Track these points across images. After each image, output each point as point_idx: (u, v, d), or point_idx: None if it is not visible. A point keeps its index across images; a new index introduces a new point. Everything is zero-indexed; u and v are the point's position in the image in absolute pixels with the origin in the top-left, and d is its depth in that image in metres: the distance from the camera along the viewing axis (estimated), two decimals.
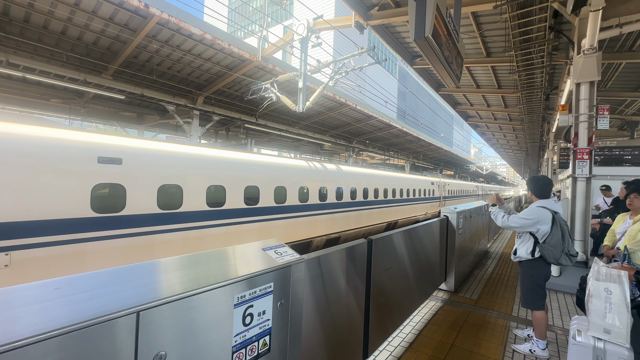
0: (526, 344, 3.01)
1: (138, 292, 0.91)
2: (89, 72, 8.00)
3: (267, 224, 7.45)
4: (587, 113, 5.20)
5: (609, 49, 7.10)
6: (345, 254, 2.18)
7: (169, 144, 5.86)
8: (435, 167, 31.06)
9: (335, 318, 2.07)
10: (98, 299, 0.85)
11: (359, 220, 11.12)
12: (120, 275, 0.97)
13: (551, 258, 2.78)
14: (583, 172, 5.24)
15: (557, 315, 3.89)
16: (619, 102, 10.55)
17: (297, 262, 1.45)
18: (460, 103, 14.13)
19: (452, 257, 4.52)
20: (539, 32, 6.08)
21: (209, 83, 9.78)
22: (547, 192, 2.99)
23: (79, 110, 9.88)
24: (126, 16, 6.51)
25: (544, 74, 8.25)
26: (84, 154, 4.64)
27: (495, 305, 4.15)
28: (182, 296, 0.97)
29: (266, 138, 15.95)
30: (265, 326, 1.28)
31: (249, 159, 7.29)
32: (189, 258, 1.20)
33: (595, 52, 4.99)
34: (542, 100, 10.47)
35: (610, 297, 1.80)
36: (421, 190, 16.79)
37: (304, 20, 7.91)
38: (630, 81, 9.03)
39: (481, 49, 8.08)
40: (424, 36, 2.22)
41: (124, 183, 5.02)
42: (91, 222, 4.68)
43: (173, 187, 5.65)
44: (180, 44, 7.66)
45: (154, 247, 5.35)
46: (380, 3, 6.61)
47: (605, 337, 1.80)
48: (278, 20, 46.07)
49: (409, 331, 3.34)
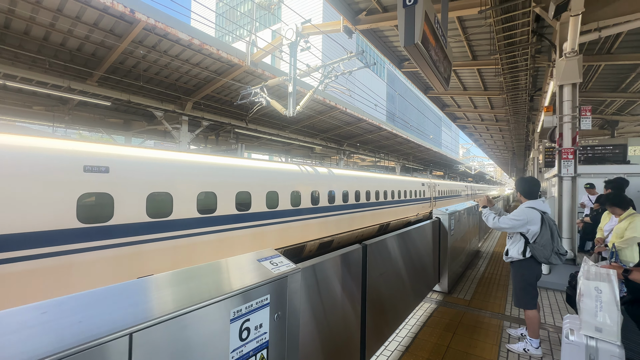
0: (520, 343, 3.05)
1: (130, 312, 0.88)
2: (73, 79, 7.81)
3: (260, 230, 7.38)
4: (570, 114, 5.36)
5: (589, 52, 7.35)
6: (340, 260, 2.17)
7: (157, 150, 5.76)
8: (425, 168, 31.44)
9: (332, 326, 2.05)
10: (88, 321, 0.81)
11: (352, 223, 11.14)
12: (110, 294, 0.94)
13: (542, 257, 2.83)
14: (568, 172, 5.38)
15: (548, 313, 3.96)
16: (599, 103, 10.91)
17: (293, 272, 1.44)
18: (448, 105, 14.37)
19: (445, 258, 4.56)
20: (523, 36, 6.25)
21: (197, 88, 9.68)
22: (535, 193, 3.06)
23: (63, 118, 9.62)
24: (111, 22, 6.40)
25: (528, 76, 8.47)
26: (69, 162, 4.51)
27: (488, 305, 4.20)
28: (176, 314, 0.94)
29: (257, 143, 15.85)
30: (263, 340, 1.25)
31: (239, 164, 7.22)
32: (182, 273, 1.17)
33: (576, 55, 5.16)
34: (527, 102, 10.75)
35: (600, 296, 1.84)
36: (412, 192, 16.95)
37: (293, 24, 7.94)
38: (610, 82, 9.36)
39: (467, 53, 8.25)
40: (414, 42, 2.25)
41: (112, 192, 4.90)
42: (77, 233, 4.54)
43: (162, 195, 5.55)
44: (168, 49, 7.56)
45: (144, 256, 5.22)
46: (368, 8, 6.69)
47: (597, 336, 1.84)
48: (266, 24, 46.09)
49: (405, 334, 3.34)
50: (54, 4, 5.74)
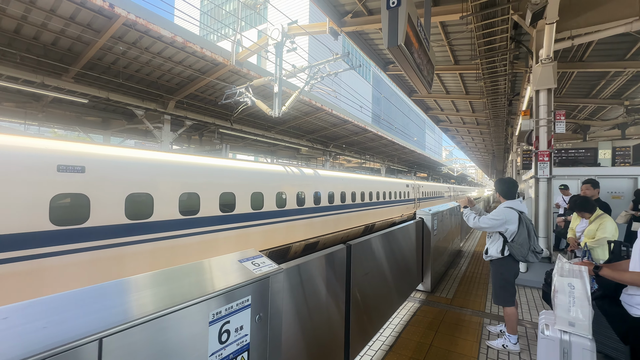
0: (499, 340, 3.13)
1: (101, 316, 0.83)
2: (47, 74, 7.47)
3: (244, 231, 7.27)
4: (546, 118, 5.59)
5: (563, 59, 7.69)
6: (324, 261, 2.16)
7: (137, 150, 5.57)
8: (409, 169, 32.00)
9: (316, 326, 2.04)
10: (54, 327, 0.76)
11: (337, 224, 11.16)
12: (80, 298, 0.89)
13: (519, 256, 2.93)
14: (544, 173, 5.60)
15: (525, 310, 4.09)
16: (573, 108, 11.45)
17: (276, 273, 1.41)
18: (431, 108, 14.69)
19: (428, 258, 4.64)
20: (502, 42, 6.47)
21: (180, 87, 9.46)
22: (513, 193, 3.16)
23: (36, 115, 9.18)
24: (89, 16, 6.16)
25: (507, 81, 8.78)
26: (41, 162, 4.29)
27: (469, 303, 4.30)
28: (151, 317, 0.90)
29: (242, 143, 15.65)
30: (243, 342, 1.22)
31: (223, 164, 7.10)
32: (160, 274, 1.13)
33: (551, 61, 5.39)
34: (506, 106, 11.14)
35: (573, 292, 1.91)
36: (397, 193, 17.19)
37: (279, 25, 7.90)
38: (582, 88, 9.83)
39: (450, 57, 8.47)
40: (397, 44, 2.29)
41: (88, 192, 4.69)
42: (50, 236, 4.32)
43: (142, 196, 5.37)
44: (149, 46, 7.35)
45: (123, 259, 5.04)
46: (354, 10, 6.75)
47: (570, 330, 1.91)
48: (252, 24, 45.73)
49: (388, 334, 3.37)
50: None
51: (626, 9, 4.94)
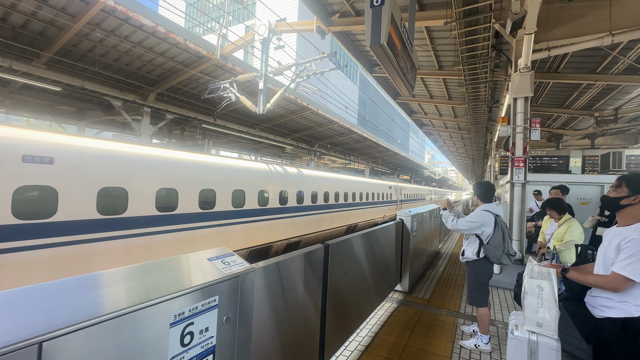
0: (471, 340, 3.20)
1: (43, 318, 0.76)
2: (16, 59, 7.03)
3: (224, 229, 7.12)
4: (522, 125, 5.79)
5: (540, 69, 8.01)
6: (301, 260, 2.13)
7: (111, 142, 5.33)
8: (392, 171, 32.48)
9: (291, 326, 2.00)
10: None
11: (320, 223, 11.15)
12: (22, 297, 0.81)
13: (494, 258, 3.00)
14: (519, 178, 5.81)
15: (498, 310, 4.22)
16: (548, 117, 11.96)
17: (246, 272, 1.36)
18: (415, 112, 14.95)
19: (406, 258, 4.69)
20: (483, 49, 6.66)
21: (162, 79, 9.15)
22: (491, 197, 3.24)
23: (3, 102, 8.62)
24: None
25: (487, 89, 9.06)
26: (4, 151, 4.02)
27: (445, 303, 4.39)
28: (101, 319, 0.83)
29: (225, 139, 15.36)
30: (209, 344, 1.17)
31: (204, 160, 6.92)
32: (120, 272, 1.05)
33: (529, 71, 5.59)
34: (486, 112, 11.50)
35: (542, 294, 1.97)
36: (380, 194, 17.39)
37: (266, 21, 7.79)
38: (556, 99, 10.28)
39: (434, 62, 8.63)
40: (379, 43, 2.29)
41: (56, 185, 4.44)
42: (11, 230, 4.05)
43: (117, 191, 5.14)
44: (129, 35, 7.07)
45: (92, 256, 4.80)
46: (342, 10, 6.74)
47: (538, 330, 1.97)
48: (239, 19, 44.99)
49: (365, 334, 3.37)
50: None
51: (598, 24, 5.20)
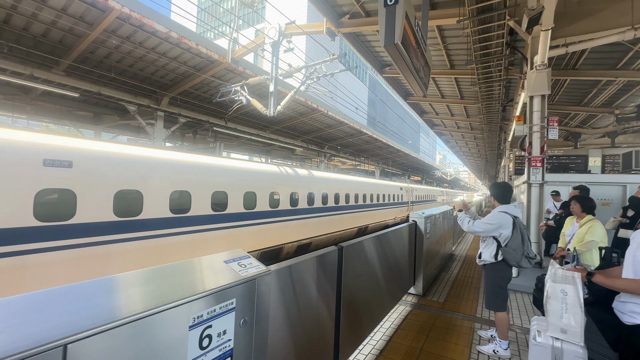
0: (490, 345, 3.11)
1: (67, 321, 0.76)
2: (37, 66, 7.28)
3: (236, 231, 7.17)
4: (539, 124, 5.63)
5: (557, 67, 7.78)
6: (315, 263, 2.11)
7: (127, 146, 5.45)
8: (403, 172, 32.15)
9: (305, 330, 1.98)
10: (13, 332, 0.70)
11: (331, 225, 11.12)
12: (46, 300, 0.82)
13: (512, 261, 2.91)
14: (537, 179, 5.64)
15: (516, 315, 4.09)
16: (565, 115, 11.60)
17: (263, 275, 1.36)
18: (426, 112, 14.76)
19: (420, 261, 4.61)
20: (497, 47, 6.52)
21: (174, 83, 9.33)
22: (508, 198, 3.15)
23: (25, 108, 8.95)
24: (81, 8, 6.02)
25: (501, 87, 8.86)
26: (26, 155, 4.16)
27: (460, 307, 4.29)
28: (123, 321, 0.83)
29: (236, 142, 15.52)
30: (227, 347, 1.16)
31: (216, 163, 7.00)
32: (138, 275, 1.06)
33: (546, 68, 5.44)
34: (500, 111, 11.24)
35: (566, 298, 1.89)
36: (390, 196, 17.22)
37: (276, 24, 7.84)
38: (574, 96, 9.97)
39: (446, 61, 8.50)
40: (394, 42, 2.25)
41: (74, 188, 4.57)
42: (34, 232, 4.19)
43: (132, 193, 5.25)
44: (143, 41, 7.23)
45: (110, 257, 4.91)
46: (352, 11, 6.72)
47: (562, 337, 1.89)
48: (250, 23, 45.57)
49: (379, 338, 3.32)
50: None
51: (620, 18, 5.01)
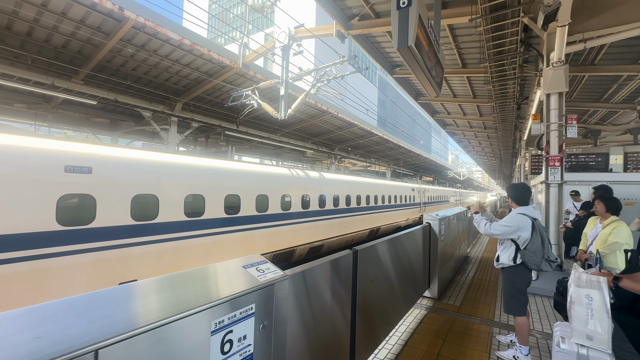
0: (510, 350, 3.03)
1: (97, 326, 0.79)
2: (57, 76, 7.57)
3: (249, 234, 7.24)
4: (557, 122, 5.47)
5: (574, 63, 7.55)
6: (330, 267, 2.11)
7: (143, 151, 5.59)
8: (415, 173, 31.78)
9: (321, 335, 1.98)
10: (48, 337, 0.72)
11: (342, 227, 11.08)
12: (75, 305, 0.85)
13: (532, 264, 2.83)
14: (555, 179, 5.47)
15: (536, 319, 3.97)
16: (583, 112, 11.24)
17: (281, 280, 1.36)
18: (438, 112, 14.57)
19: (435, 263, 4.54)
20: (511, 45, 6.37)
21: (187, 89, 9.52)
22: (527, 199, 3.07)
23: (46, 116, 9.32)
24: (99, 19, 6.24)
25: (516, 85, 8.65)
26: (49, 162, 4.32)
27: (477, 311, 4.19)
28: (150, 327, 0.85)
29: (247, 145, 15.71)
30: (247, 352, 1.17)
31: (229, 166, 7.09)
32: (160, 281, 1.09)
33: (563, 64, 5.28)
34: (514, 110, 10.98)
35: (591, 304, 1.82)
36: (402, 197, 17.04)
37: (286, 28, 7.91)
38: (593, 92, 9.65)
39: (457, 60, 8.38)
40: (407, 45, 2.23)
41: (94, 193, 4.71)
42: (57, 236, 4.34)
43: (148, 197, 5.37)
44: (157, 48, 7.42)
45: (128, 260, 5.03)
46: (361, 13, 6.72)
47: (588, 344, 1.82)
48: (259, 27, 46.13)
49: (395, 342, 3.28)
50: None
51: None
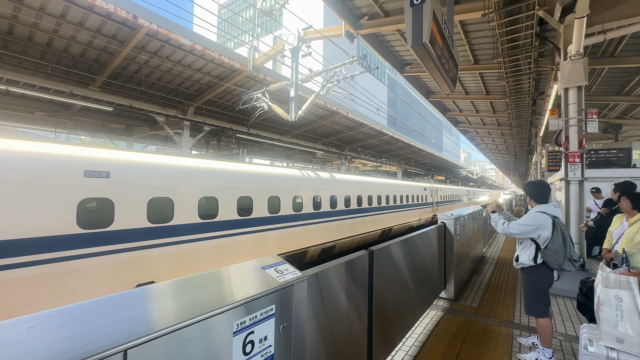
0: (532, 353, 2.94)
1: (125, 327, 0.80)
2: (75, 84, 7.83)
3: (262, 235, 7.29)
4: (576, 117, 5.29)
5: (592, 55, 7.30)
6: (345, 268, 2.09)
7: (158, 155, 5.71)
8: (426, 172, 31.35)
9: (338, 336, 1.96)
10: (79, 337, 0.74)
11: (354, 228, 11.02)
12: (103, 307, 0.87)
13: (554, 264, 2.74)
14: (575, 175, 5.29)
15: (559, 321, 3.84)
16: (603, 106, 10.84)
17: (300, 281, 1.36)
18: (449, 109, 14.33)
19: (451, 264, 4.46)
20: (526, 39, 6.21)
21: (199, 93, 9.69)
22: (546, 197, 2.97)
23: (65, 123, 9.64)
24: (114, 27, 6.42)
25: (531, 80, 8.42)
26: (70, 167, 4.46)
27: (496, 312, 4.09)
28: (175, 328, 0.86)
29: (258, 147, 15.84)
30: (268, 353, 1.17)
31: (241, 169, 7.17)
32: (182, 283, 1.10)
33: (582, 57, 5.11)
34: (530, 106, 10.69)
35: (621, 305, 1.75)
36: (414, 196, 16.84)
37: (295, 30, 7.95)
38: (613, 85, 9.30)
39: (469, 57, 8.22)
40: (422, 42, 2.20)
41: (112, 197, 4.84)
42: (78, 239, 4.47)
43: (163, 200, 5.48)
44: (170, 54, 7.58)
45: (145, 262, 5.14)
46: (370, 12, 6.68)
47: (619, 347, 1.74)
48: (268, 30, 46.54)
49: (412, 344, 3.24)
50: (57, 10, 5.77)
51: None
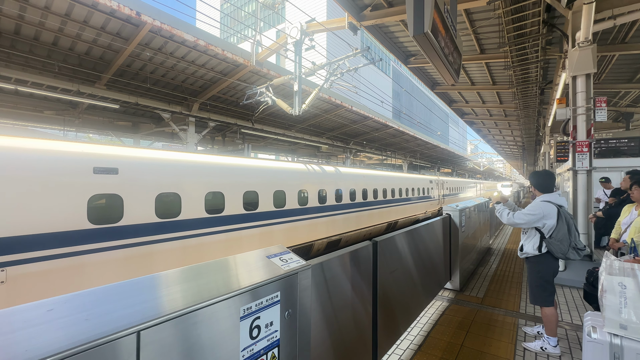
0: (537, 342, 2.96)
1: (137, 310, 0.85)
2: (82, 83, 7.92)
3: (268, 229, 7.37)
4: (584, 106, 5.20)
5: (602, 42, 7.13)
6: (350, 258, 2.13)
7: (164, 151, 5.79)
8: (432, 165, 31.11)
9: (343, 324, 2.01)
10: (95, 319, 0.79)
11: (359, 221, 11.06)
12: (117, 292, 0.91)
13: (559, 253, 2.74)
14: (583, 165, 5.23)
15: (565, 310, 3.84)
16: (613, 94, 10.60)
17: (304, 269, 1.40)
18: (455, 101, 14.17)
19: (456, 255, 4.47)
20: (533, 26, 6.09)
21: (203, 89, 9.72)
22: (551, 186, 2.96)
23: (73, 121, 9.78)
24: (118, 25, 6.46)
25: (539, 69, 8.28)
26: (79, 165, 4.56)
27: (502, 302, 4.11)
28: (185, 311, 0.91)
29: (263, 142, 15.88)
30: (274, 338, 1.22)
31: (246, 164, 7.22)
32: (190, 270, 1.14)
33: (591, 44, 5.00)
34: (537, 95, 10.51)
35: (625, 292, 1.75)
36: (420, 189, 16.77)
37: (297, 23, 7.90)
38: (624, 72, 9.08)
39: (475, 46, 8.10)
40: (423, 32, 2.18)
41: (121, 193, 4.94)
42: (88, 234, 4.59)
43: (171, 196, 5.57)
44: (174, 51, 7.60)
45: (154, 256, 5.26)
46: (373, 3, 6.61)
47: (622, 333, 1.75)
48: (271, 24, 46.20)
49: (417, 333, 3.28)
50: (62, 8, 5.82)
51: None
